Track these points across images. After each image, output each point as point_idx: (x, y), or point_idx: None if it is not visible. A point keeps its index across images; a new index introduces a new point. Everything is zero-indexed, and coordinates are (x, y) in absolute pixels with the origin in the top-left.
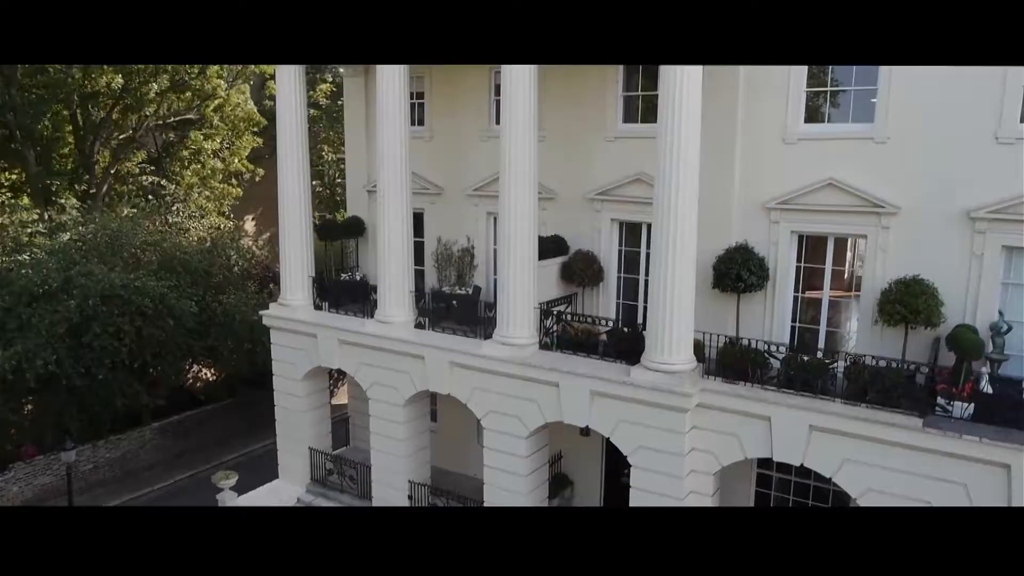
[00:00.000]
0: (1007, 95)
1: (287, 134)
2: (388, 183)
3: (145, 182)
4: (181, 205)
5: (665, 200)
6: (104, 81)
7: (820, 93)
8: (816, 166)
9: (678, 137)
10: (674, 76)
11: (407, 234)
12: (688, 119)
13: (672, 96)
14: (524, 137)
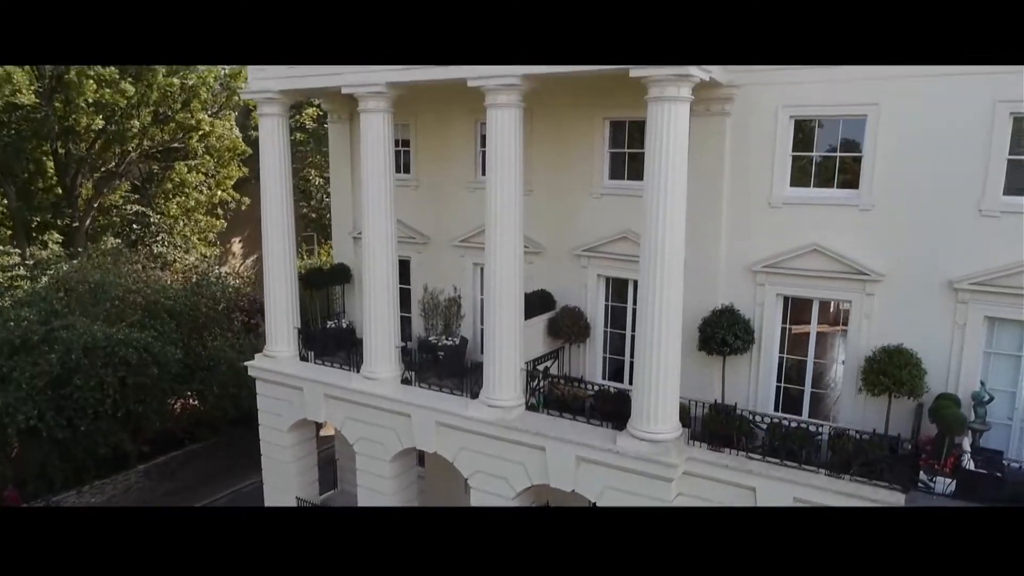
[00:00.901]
0: (990, 167)
1: (271, 187)
2: (374, 248)
3: (129, 211)
4: (166, 235)
5: (651, 266)
6: (85, 122)
7: (806, 158)
8: (802, 230)
9: (664, 199)
10: (661, 136)
11: (392, 290)
12: (674, 180)
13: (659, 157)
14: (510, 203)
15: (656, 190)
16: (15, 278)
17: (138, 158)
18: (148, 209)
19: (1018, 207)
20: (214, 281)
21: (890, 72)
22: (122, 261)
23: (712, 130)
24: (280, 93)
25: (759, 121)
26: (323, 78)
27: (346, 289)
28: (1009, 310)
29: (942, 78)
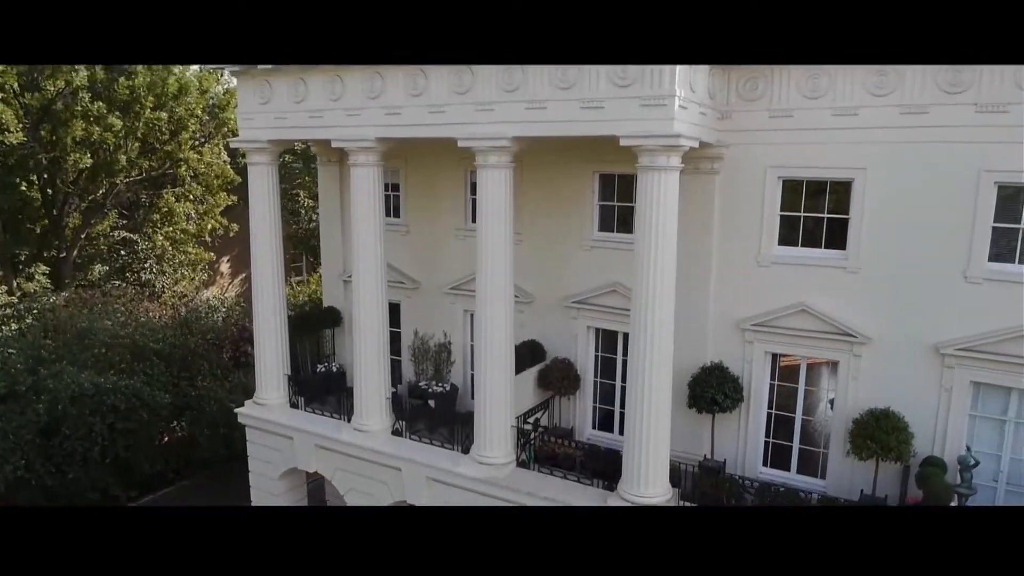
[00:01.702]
0: (975, 234)
1: (260, 236)
2: (364, 300)
3: (117, 237)
4: (153, 262)
5: (642, 329)
6: (72, 159)
7: (794, 218)
8: (790, 289)
9: (655, 266)
10: (651, 203)
11: (383, 341)
12: (665, 247)
13: (649, 224)
14: (501, 265)
15: (647, 256)
16: (2, 318)
17: (125, 188)
18: (136, 235)
19: (1003, 275)
20: (203, 316)
21: (877, 137)
22: (109, 297)
23: (701, 188)
24: (269, 143)
25: (747, 180)
26: (313, 130)
27: (336, 332)
28: (994, 375)
29: (928, 144)
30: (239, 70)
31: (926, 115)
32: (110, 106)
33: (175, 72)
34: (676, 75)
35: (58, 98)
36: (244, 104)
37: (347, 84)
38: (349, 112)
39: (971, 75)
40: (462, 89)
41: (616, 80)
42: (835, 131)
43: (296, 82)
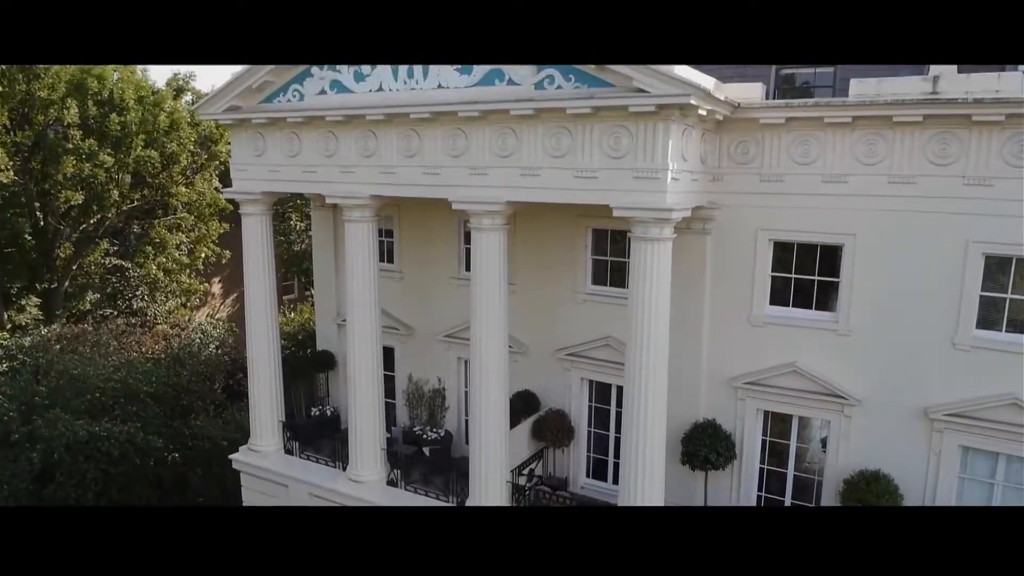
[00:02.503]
0: (963, 303)
1: (254, 284)
2: (359, 360)
3: (108, 264)
4: (145, 290)
5: (635, 391)
6: (64, 196)
7: (785, 279)
8: (782, 348)
9: (649, 331)
10: (644, 271)
11: (378, 393)
12: (658, 312)
13: (642, 290)
14: (495, 324)
15: (640, 321)
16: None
17: (116, 218)
18: (127, 263)
19: (990, 343)
20: (195, 351)
21: (866, 204)
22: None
23: (693, 247)
24: (263, 194)
25: (739, 241)
26: (307, 184)
27: (330, 374)
28: (982, 441)
29: (917, 214)
30: (233, 122)
31: (914, 185)
32: (101, 142)
33: (166, 109)
34: (669, 148)
35: (48, 128)
36: (238, 155)
37: (341, 141)
38: (343, 169)
39: (958, 148)
40: (456, 152)
41: (609, 151)
42: (825, 197)
43: (290, 136)
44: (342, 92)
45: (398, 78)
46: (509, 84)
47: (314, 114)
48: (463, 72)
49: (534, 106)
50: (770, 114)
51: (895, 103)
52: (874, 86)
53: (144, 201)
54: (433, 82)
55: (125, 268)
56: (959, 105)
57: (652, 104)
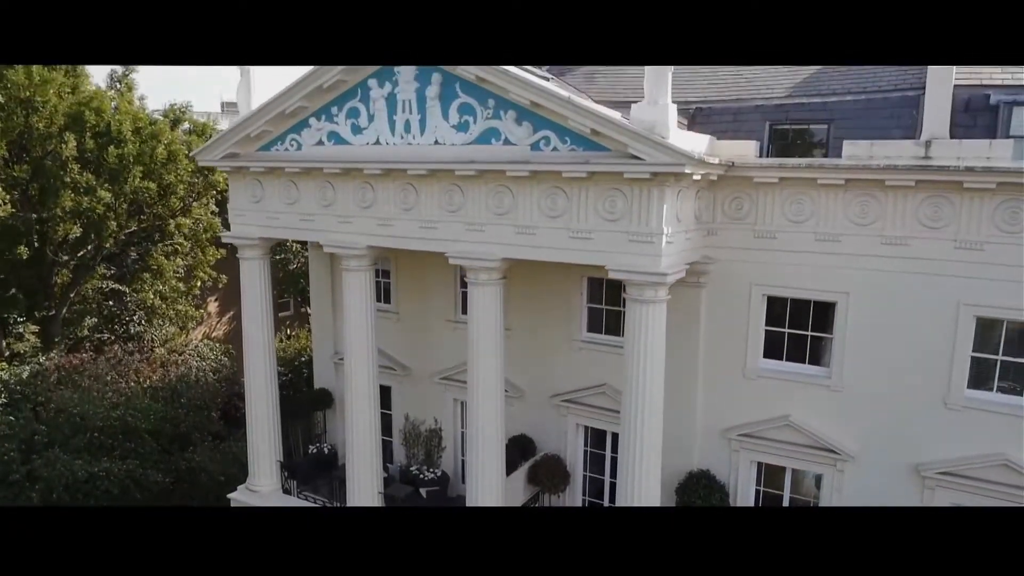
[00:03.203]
0: (955, 363)
1: (252, 327)
2: (356, 403)
3: (106, 288)
4: (142, 314)
5: (631, 443)
6: (62, 230)
7: (779, 332)
8: (776, 401)
9: (644, 388)
10: (639, 332)
11: (376, 434)
12: (653, 370)
13: (637, 349)
14: (492, 376)
15: (635, 378)
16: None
17: (114, 246)
18: (124, 286)
19: (982, 403)
20: (192, 383)
21: (859, 264)
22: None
23: (688, 299)
24: (260, 239)
25: (733, 295)
26: (304, 232)
27: (327, 413)
28: (975, 499)
29: (909, 275)
30: (231, 169)
31: (907, 247)
32: (98, 174)
33: (163, 141)
34: (664, 212)
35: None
36: (236, 200)
37: (338, 191)
38: (341, 219)
39: (950, 212)
40: (453, 207)
41: (604, 213)
42: (818, 255)
43: (287, 184)
44: (339, 143)
45: (395, 132)
46: (505, 144)
47: (312, 165)
48: (460, 129)
49: (530, 168)
50: (764, 174)
51: (887, 168)
52: (867, 148)
53: (141, 228)
54: (430, 138)
55: (122, 292)
56: (951, 172)
57: (646, 172)
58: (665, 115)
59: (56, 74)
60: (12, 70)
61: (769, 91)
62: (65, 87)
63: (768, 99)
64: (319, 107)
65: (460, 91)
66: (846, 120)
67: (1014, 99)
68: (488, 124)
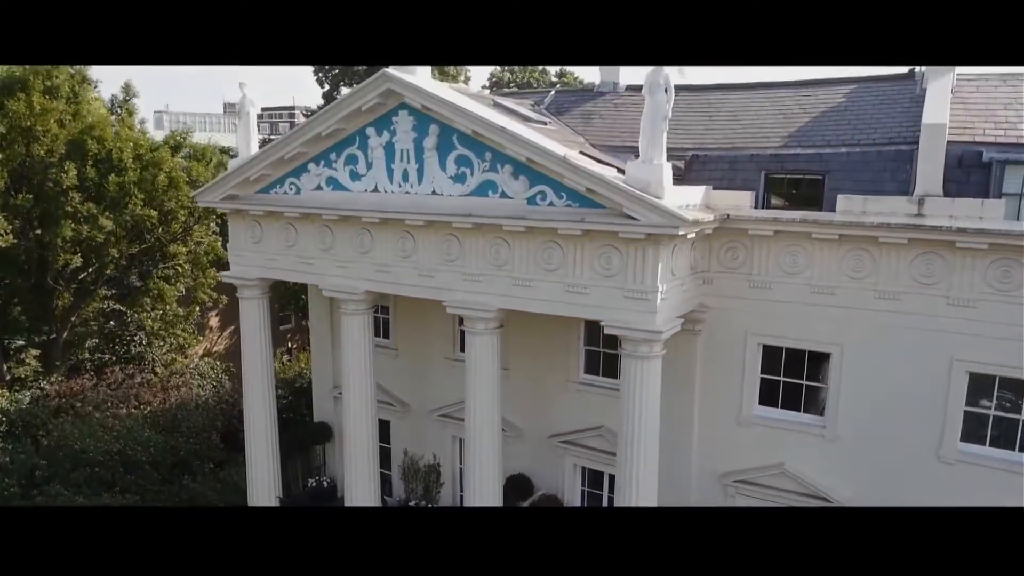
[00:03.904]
0: (948, 417)
1: (251, 365)
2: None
3: (107, 309)
4: (143, 336)
5: (627, 480)
6: (63, 260)
7: (774, 381)
8: (771, 448)
9: (639, 439)
10: (634, 385)
11: (375, 474)
12: (648, 422)
13: (633, 402)
14: (489, 423)
15: (632, 428)
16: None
17: (115, 271)
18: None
19: (976, 458)
20: (193, 409)
21: (853, 317)
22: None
23: (684, 345)
24: (259, 280)
25: (728, 342)
26: (303, 275)
27: (326, 446)
28: None
29: (903, 329)
30: (230, 211)
31: (900, 301)
32: (98, 201)
33: (164, 168)
34: (659, 271)
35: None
36: (235, 241)
37: (337, 236)
38: (339, 263)
39: (943, 269)
40: (450, 257)
41: (600, 269)
42: (812, 307)
43: (286, 227)
44: (338, 189)
45: (393, 180)
46: (502, 197)
47: (310, 211)
48: (457, 180)
49: (526, 224)
50: (759, 227)
51: (880, 225)
52: (860, 203)
53: (142, 251)
54: (428, 187)
55: (123, 313)
56: (943, 232)
57: (641, 232)
58: (660, 174)
59: (57, 103)
60: (13, 99)
61: (765, 139)
62: (67, 114)
63: (763, 148)
64: (318, 153)
65: (457, 143)
66: (841, 172)
67: (1006, 157)
68: (485, 177)
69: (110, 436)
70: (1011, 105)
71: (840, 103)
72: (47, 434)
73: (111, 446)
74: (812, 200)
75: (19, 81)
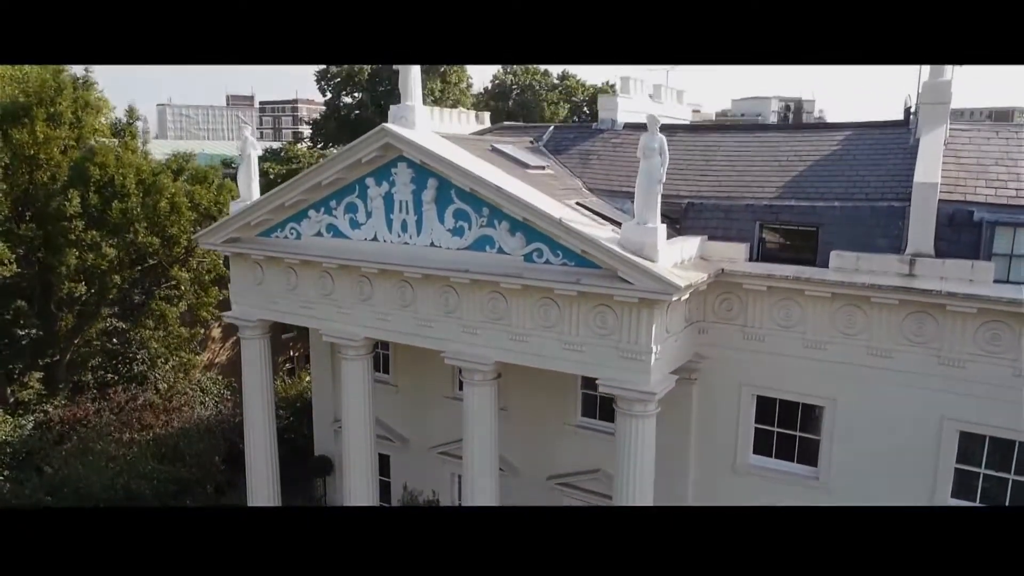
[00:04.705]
0: (939, 473)
1: (253, 405)
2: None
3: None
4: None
5: None
6: (66, 289)
7: (768, 431)
8: (765, 498)
9: (635, 493)
10: (629, 442)
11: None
12: (643, 479)
13: (628, 459)
14: (487, 471)
15: (626, 481)
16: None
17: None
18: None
19: None
20: (196, 435)
21: (845, 371)
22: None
23: (680, 393)
24: (259, 321)
25: (723, 392)
26: (305, 319)
27: (327, 479)
28: None
29: (895, 386)
30: (232, 254)
31: (891, 359)
32: (101, 229)
33: (166, 196)
34: (653, 331)
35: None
36: (236, 281)
37: (337, 282)
38: (340, 309)
39: (934, 329)
40: (448, 308)
41: (595, 327)
42: (805, 360)
43: (287, 271)
44: (338, 236)
45: (392, 230)
46: (499, 252)
47: (310, 258)
48: (455, 234)
49: (522, 282)
50: (753, 282)
51: (872, 286)
52: (853, 260)
53: (143, 274)
54: (426, 239)
55: (125, 330)
56: (933, 295)
57: (635, 297)
58: (654, 237)
59: (60, 131)
60: (16, 129)
61: (760, 188)
62: (70, 139)
63: (758, 198)
64: (318, 200)
65: (455, 197)
66: (834, 225)
67: (996, 218)
68: (482, 232)
69: (113, 472)
70: (1002, 160)
71: (835, 151)
72: (50, 463)
73: (115, 481)
74: (806, 250)
75: (23, 108)
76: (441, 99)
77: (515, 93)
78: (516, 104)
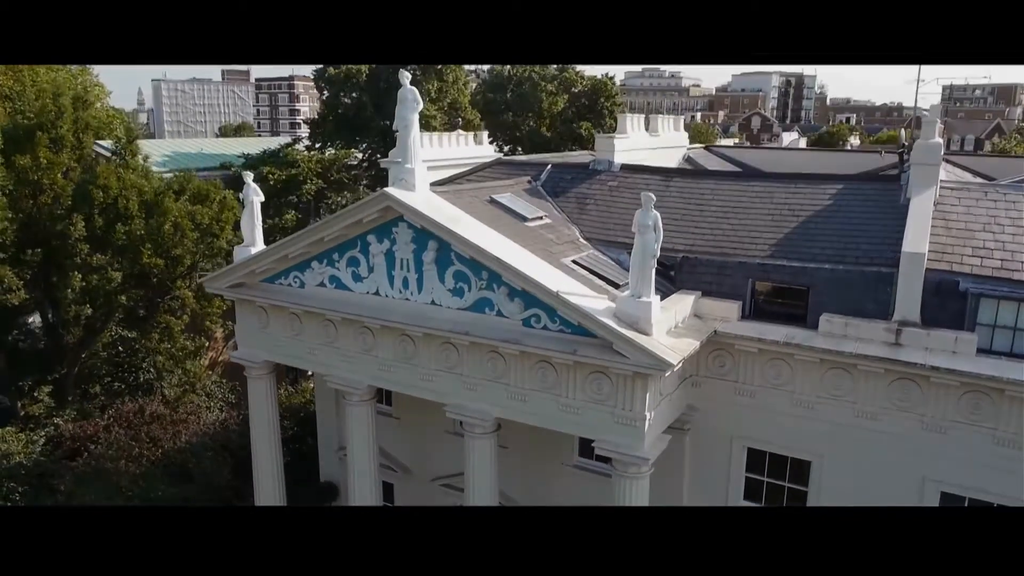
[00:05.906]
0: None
1: (260, 443)
2: None
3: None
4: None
5: None
6: (73, 312)
7: (758, 480)
8: None
9: None
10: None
11: None
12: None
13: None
14: None
15: None
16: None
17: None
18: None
19: None
20: (203, 451)
21: (832, 431)
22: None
23: (673, 440)
24: (264, 362)
25: (714, 442)
26: (309, 363)
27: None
28: None
29: (880, 447)
30: (236, 298)
31: (878, 421)
32: (105, 251)
33: (170, 218)
34: (647, 400)
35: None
36: (242, 324)
37: (340, 331)
38: (344, 358)
39: (918, 396)
40: (449, 365)
41: (591, 393)
42: (794, 417)
43: (291, 318)
44: (340, 288)
45: (394, 286)
46: (499, 315)
47: (313, 309)
48: (455, 294)
49: (520, 348)
50: (745, 344)
51: (859, 356)
52: (841, 326)
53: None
54: (427, 297)
55: (132, 339)
56: (918, 368)
57: (629, 370)
58: (648, 312)
59: (62, 155)
60: (19, 155)
61: (753, 244)
62: (72, 161)
63: (751, 256)
64: (321, 252)
65: (455, 260)
66: (825, 287)
67: (981, 290)
68: (482, 294)
69: (123, 497)
70: (989, 226)
71: (827, 207)
72: (63, 483)
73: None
74: (798, 307)
75: (26, 131)
76: (438, 98)
77: (512, 85)
78: (514, 96)
